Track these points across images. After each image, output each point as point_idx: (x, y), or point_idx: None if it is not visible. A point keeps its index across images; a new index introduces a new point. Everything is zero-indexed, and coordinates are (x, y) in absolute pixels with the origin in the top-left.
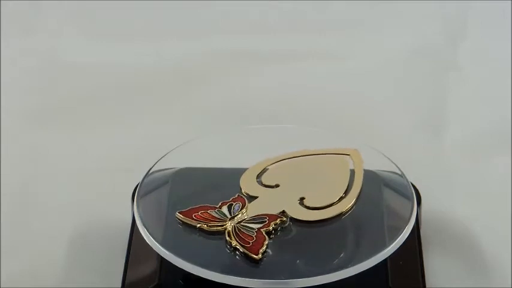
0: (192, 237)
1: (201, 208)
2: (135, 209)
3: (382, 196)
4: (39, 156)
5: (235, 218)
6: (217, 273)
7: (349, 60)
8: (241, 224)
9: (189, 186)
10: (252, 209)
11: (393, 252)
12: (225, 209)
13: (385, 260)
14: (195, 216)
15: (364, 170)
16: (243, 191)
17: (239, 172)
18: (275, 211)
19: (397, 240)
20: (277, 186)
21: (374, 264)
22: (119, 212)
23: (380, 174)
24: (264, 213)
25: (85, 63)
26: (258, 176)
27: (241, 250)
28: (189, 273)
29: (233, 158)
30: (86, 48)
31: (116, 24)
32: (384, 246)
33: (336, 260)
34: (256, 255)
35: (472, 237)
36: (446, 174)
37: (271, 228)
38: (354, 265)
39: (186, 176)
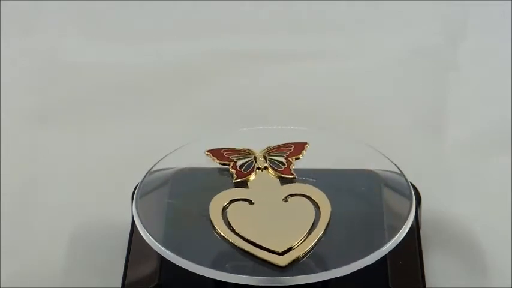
0: (192, 237)
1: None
2: (135, 209)
3: (382, 196)
4: (39, 156)
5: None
6: (218, 272)
7: (349, 60)
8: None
9: (189, 186)
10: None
11: (393, 252)
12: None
13: (385, 259)
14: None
15: (364, 170)
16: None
17: None
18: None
19: (395, 238)
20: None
21: (373, 261)
22: (119, 212)
23: (379, 173)
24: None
25: (85, 63)
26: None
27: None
28: (189, 273)
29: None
30: (86, 48)
31: (116, 25)
32: (382, 244)
33: (334, 258)
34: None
35: (472, 237)
36: (446, 174)
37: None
38: (352, 262)
39: (186, 176)
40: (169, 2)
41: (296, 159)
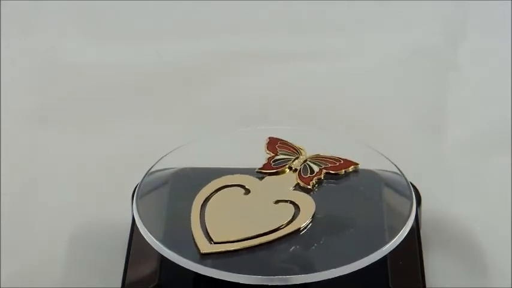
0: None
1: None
2: (135, 209)
3: (382, 196)
4: (39, 156)
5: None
6: (218, 271)
7: (349, 60)
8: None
9: (189, 186)
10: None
11: (393, 252)
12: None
13: (385, 259)
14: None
15: (364, 170)
16: None
17: (239, 172)
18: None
19: (395, 238)
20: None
21: (373, 261)
22: (119, 212)
23: (379, 173)
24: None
25: (85, 63)
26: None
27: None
28: (189, 273)
29: (233, 158)
30: (86, 48)
31: (116, 25)
32: (383, 244)
33: (335, 257)
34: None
35: (472, 237)
36: (446, 174)
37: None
38: (352, 262)
39: (186, 176)
40: (169, 2)
41: (334, 173)
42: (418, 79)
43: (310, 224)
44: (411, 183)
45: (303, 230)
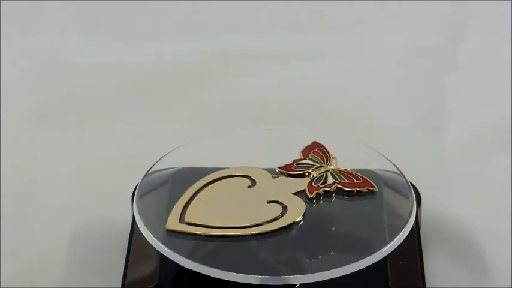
0: (193, 236)
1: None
2: (135, 209)
3: (382, 196)
4: (39, 156)
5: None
6: (218, 270)
7: (349, 60)
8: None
9: (189, 186)
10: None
11: (393, 252)
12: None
13: (385, 260)
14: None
15: (364, 170)
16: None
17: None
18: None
19: (396, 239)
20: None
21: (373, 262)
22: (119, 212)
23: (379, 174)
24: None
25: (85, 63)
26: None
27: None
28: (189, 273)
29: (233, 158)
30: (86, 48)
31: (116, 25)
32: (383, 245)
33: (335, 258)
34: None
35: (472, 237)
36: (446, 174)
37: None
38: (352, 263)
39: (186, 176)
40: (169, 2)
41: (346, 190)
42: (418, 79)
43: (297, 227)
44: (411, 183)
45: (284, 231)
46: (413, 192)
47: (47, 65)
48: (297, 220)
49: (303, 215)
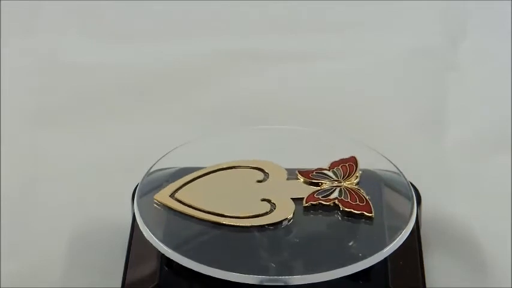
0: (193, 236)
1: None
2: (135, 209)
3: (382, 196)
4: (39, 156)
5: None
6: (218, 270)
7: (349, 60)
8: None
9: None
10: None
11: (393, 252)
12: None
13: (385, 260)
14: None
15: (364, 170)
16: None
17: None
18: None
19: (396, 240)
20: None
21: (373, 263)
22: (119, 212)
23: (379, 174)
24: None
25: (85, 63)
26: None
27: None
28: (189, 273)
29: (233, 158)
30: (86, 49)
31: (116, 24)
32: (383, 245)
33: (335, 258)
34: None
35: (472, 237)
36: (446, 174)
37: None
38: (352, 263)
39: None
40: (169, 2)
41: (344, 210)
42: (418, 79)
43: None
44: (411, 183)
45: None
46: (413, 192)
47: (47, 65)
48: (277, 221)
49: (289, 220)
